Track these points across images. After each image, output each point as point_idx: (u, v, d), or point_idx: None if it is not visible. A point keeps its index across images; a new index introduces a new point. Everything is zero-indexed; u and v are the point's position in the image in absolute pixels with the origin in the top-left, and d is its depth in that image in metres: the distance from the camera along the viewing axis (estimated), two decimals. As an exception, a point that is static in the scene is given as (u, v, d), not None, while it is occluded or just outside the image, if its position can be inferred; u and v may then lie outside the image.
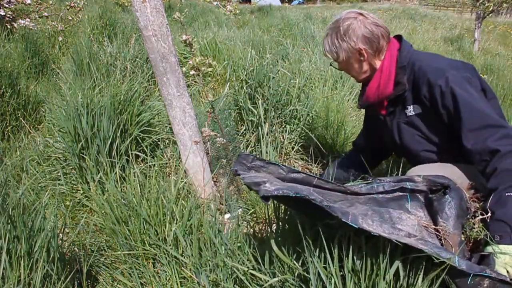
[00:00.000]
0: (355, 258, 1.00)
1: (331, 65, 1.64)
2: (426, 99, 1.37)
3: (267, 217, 1.81)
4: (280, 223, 1.32)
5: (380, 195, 1.17)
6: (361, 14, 1.48)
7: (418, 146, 1.47)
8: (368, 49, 1.47)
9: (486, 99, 1.31)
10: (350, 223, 0.93)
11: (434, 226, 1.09)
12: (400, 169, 1.59)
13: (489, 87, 1.40)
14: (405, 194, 1.15)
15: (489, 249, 1.08)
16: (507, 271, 1.02)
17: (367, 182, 1.24)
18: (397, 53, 1.47)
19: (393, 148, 1.67)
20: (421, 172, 1.29)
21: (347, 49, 1.48)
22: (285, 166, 1.20)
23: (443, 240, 1.06)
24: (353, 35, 1.46)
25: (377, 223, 0.98)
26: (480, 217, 1.12)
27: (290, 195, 0.96)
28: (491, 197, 1.15)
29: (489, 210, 1.13)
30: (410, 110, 1.46)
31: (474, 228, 1.14)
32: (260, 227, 1.81)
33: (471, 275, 0.91)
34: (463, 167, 1.35)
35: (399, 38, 1.53)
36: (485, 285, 0.94)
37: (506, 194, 1.11)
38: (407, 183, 1.16)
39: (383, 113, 1.59)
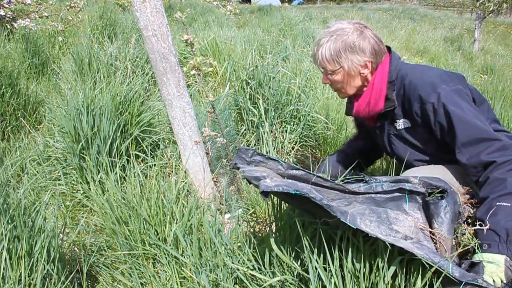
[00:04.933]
0: (354, 258, 1.01)
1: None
2: (417, 115, 1.36)
3: (267, 217, 1.81)
4: (280, 223, 1.32)
5: (378, 195, 1.17)
6: (366, 26, 1.40)
7: (410, 156, 1.47)
8: (374, 63, 1.40)
9: (477, 109, 1.30)
10: (348, 223, 0.93)
11: (430, 229, 1.09)
12: (394, 168, 1.59)
13: (478, 93, 1.40)
14: (403, 195, 1.16)
15: (478, 257, 1.08)
16: (493, 280, 1.02)
17: (365, 181, 1.24)
18: (388, 67, 1.42)
19: (386, 153, 1.67)
20: (415, 174, 1.29)
21: (355, 60, 1.38)
22: (284, 162, 1.20)
23: (438, 244, 1.07)
24: (364, 46, 1.36)
25: (375, 223, 0.98)
26: (476, 227, 1.13)
27: (290, 192, 0.96)
28: (481, 205, 1.16)
29: (478, 218, 1.14)
30: (400, 124, 1.44)
31: (465, 234, 1.14)
32: (260, 227, 1.81)
33: (463, 283, 0.92)
34: (455, 169, 1.35)
35: (388, 49, 1.46)
36: None
37: (497, 203, 1.11)
38: (406, 184, 1.17)
39: (372, 126, 1.58)
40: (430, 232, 1.08)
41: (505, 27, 12.88)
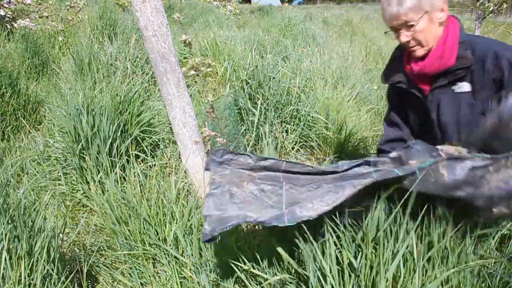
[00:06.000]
0: (354, 256, 1.01)
1: (386, 33, 1.49)
2: (488, 72, 1.36)
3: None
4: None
5: (346, 173, 1.20)
6: None
7: (453, 125, 1.47)
8: (446, 9, 1.40)
9: None
10: (287, 224, 0.97)
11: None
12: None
13: None
14: (371, 170, 1.18)
15: None
16: None
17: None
18: (459, 28, 1.44)
19: (421, 124, 1.63)
20: None
21: (434, 1, 1.37)
22: (254, 155, 1.22)
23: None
24: None
25: (319, 199, 1.01)
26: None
27: (226, 229, 1.00)
28: None
29: None
30: (460, 87, 1.44)
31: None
32: (260, 227, 1.81)
33: (416, 172, 0.99)
34: None
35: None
36: (440, 170, 1.01)
37: None
38: (371, 158, 1.21)
39: (426, 88, 1.54)
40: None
41: (505, 27, 12.87)
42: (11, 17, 4.80)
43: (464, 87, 1.43)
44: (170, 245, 1.46)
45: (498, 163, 1.04)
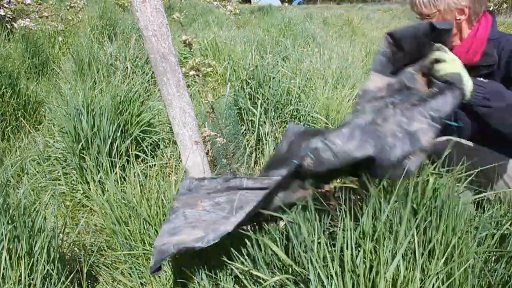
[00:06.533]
0: (355, 256, 1.01)
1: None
2: (504, 68, 1.38)
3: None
4: (279, 222, 1.32)
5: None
6: None
7: (472, 118, 1.48)
8: (471, 9, 1.40)
9: None
10: (212, 243, 1.02)
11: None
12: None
13: None
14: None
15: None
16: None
17: None
18: (491, 24, 1.44)
19: None
20: None
21: (451, 3, 1.39)
22: (219, 177, 1.25)
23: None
24: None
25: (240, 211, 1.08)
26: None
27: (165, 259, 1.04)
28: None
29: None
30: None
31: None
32: (259, 227, 1.80)
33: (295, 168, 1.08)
34: (494, 154, 1.42)
35: (490, 13, 1.49)
36: (308, 161, 1.08)
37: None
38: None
39: None
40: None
41: (505, 27, 12.86)
42: (11, 17, 4.80)
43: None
44: (170, 245, 1.46)
45: (381, 112, 1.10)
